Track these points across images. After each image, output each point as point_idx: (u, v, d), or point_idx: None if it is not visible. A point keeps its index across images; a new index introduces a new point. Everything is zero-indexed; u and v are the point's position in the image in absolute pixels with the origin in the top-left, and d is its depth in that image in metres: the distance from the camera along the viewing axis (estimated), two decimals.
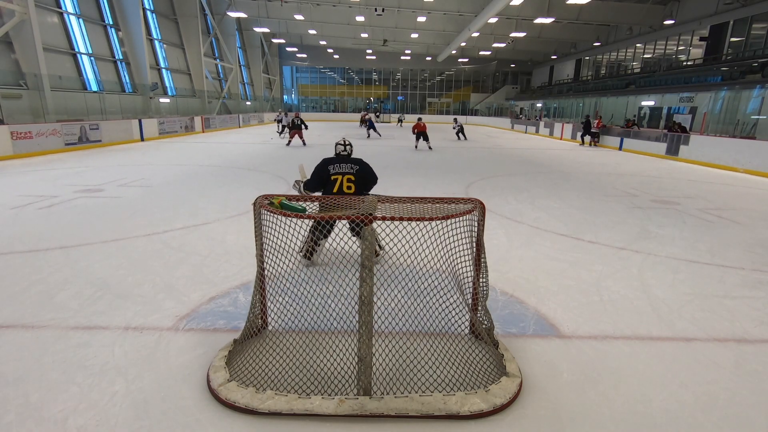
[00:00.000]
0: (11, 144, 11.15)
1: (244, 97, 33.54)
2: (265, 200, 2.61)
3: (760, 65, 16.39)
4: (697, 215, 6.47)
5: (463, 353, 2.67)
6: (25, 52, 13.44)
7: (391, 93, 45.10)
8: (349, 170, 4.07)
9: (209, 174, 9.41)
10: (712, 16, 19.62)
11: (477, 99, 44.07)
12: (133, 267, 4.04)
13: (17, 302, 3.30)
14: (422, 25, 28.16)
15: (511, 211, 6.48)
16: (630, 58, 27.92)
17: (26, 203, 6.38)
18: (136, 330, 2.93)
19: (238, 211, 6.17)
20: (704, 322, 3.20)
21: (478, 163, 12.38)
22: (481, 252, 2.73)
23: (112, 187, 7.67)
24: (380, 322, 2.86)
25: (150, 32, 21.46)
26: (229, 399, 2.19)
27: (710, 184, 9.54)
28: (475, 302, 2.78)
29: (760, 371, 2.62)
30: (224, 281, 3.74)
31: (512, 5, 19.88)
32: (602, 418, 2.19)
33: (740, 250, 4.90)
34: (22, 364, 2.54)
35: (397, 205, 2.77)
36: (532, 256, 4.60)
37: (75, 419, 2.10)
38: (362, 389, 2.22)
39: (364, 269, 2.20)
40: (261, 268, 2.67)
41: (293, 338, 2.78)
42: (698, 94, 18.29)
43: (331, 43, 37.30)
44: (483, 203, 2.66)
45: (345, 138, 4.36)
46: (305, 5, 26.20)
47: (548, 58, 37.15)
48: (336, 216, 2.41)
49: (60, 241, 4.71)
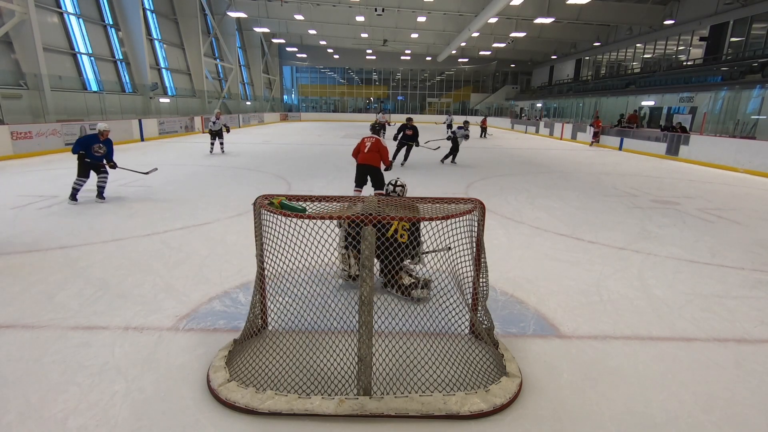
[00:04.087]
0: (11, 144, 11.15)
1: (244, 97, 33.53)
2: (265, 200, 2.61)
3: (760, 65, 16.39)
4: (697, 215, 6.47)
5: (463, 353, 2.67)
6: (25, 52, 13.44)
7: (391, 93, 45.09)
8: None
9: (209, 174, 9.41)
10: (712, 16, 19.61)
11: (477, 99, 44.07)
12: (133, 267, 4.04)
13: (17, 302, 3.30)
14: (422, 25, 28.16)
15: (511, 211, 6.48)
16: (630, 58, 27.92)
17: (26, 203, 6.38)
18: (136, 330, 2.93)
19: (238, 211, 6.17)
20: (704, 322, 3.20)
21: (478, 163, 12.38)
22: (481, 252, 2.73)
23: (112, 187, 7.66)
24: (380, 322, 2.86)
25: (150, 32, 21.46)
26: (229, 399, 2.19)
27: (710, 184, 9.53)
28: (475, 302, 2.78)
29: (760, 371, 2.62)
30: (224, 281, 3.74)
31: (512, 5, 19.88)
32: (602, 418, 2.19)
33: (740, 250, 4.90)
34: (22, 364, 2.54)
35: (397, 205, 2.77)
36: (532, 256, 4.60)
37: (75, 419, 2.10)
38: (362, 389, 2.22)
39: (364, 269, 2.20)
40: (261, 268, 2.67)
41: (293, 338, 2.78)
42: (698, 94, 18.29)
43: (331, 43, 37.30)
44: (483, 203, 2.66)
45: (399, 179, 4.00)
46: (305, 5, 26.19)
47: (548, 58, 37.15)
48: (336, 216, 2.41)
49: (60, 241, 4.71)
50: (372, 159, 6.43)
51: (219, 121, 12.90)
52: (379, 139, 6.53)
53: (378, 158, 6.46)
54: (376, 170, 6.49)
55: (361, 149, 6.51)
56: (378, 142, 6.46)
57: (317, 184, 8.48)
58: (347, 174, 9.61)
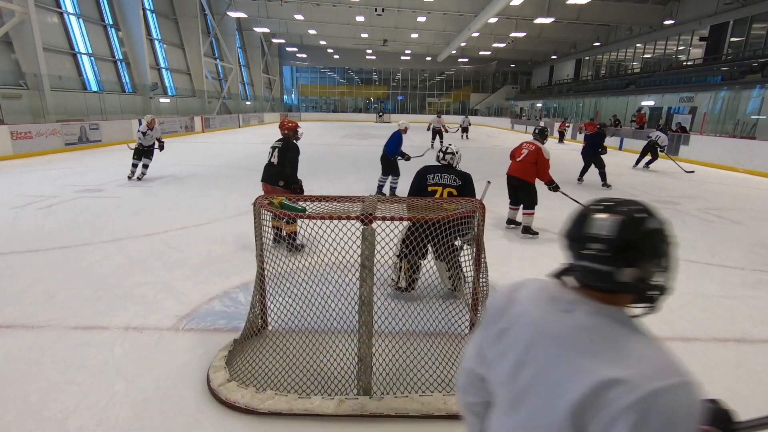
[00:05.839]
0: (11, 144, 11.15)
1: (244, 97, 33.52)
2: (265, 200, 2.61)
3: (760, 65, 16.37)
4: (697, 215, 6.47)
5: (463, 353, 2.66)
6: (25, 52, 13.43)
7: (391, 93, 45.08)
8: (452, 183, 3.35)
9: (209, 174, 9.41)
10: (712, 16, 19.61)
11: (477, 99, 44.05)
12: (133, 267, 4.04)
13: (17, 302, 3.30)
14: (422, 25, 28.15)
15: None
16: (630, 58, 27.91)
17: (26, 203, 6.38)
18: (136, 330, 2.93)
19: (238, 211, 6.17)
20: (704, 322, 3.20)
21: (478, 163, 12.38)
22: (481, 252, 2.73)
23: (112, 187, 7.66)
24: (380, 322, 2.86)
25: (150, 32, 21.44)
26: (229, 399, 2.19)
27: (710, 184, 9.53)
28: (475, 302, 2.78)
29: (760, 371, 2.62)
30: (224, 281, 3.74)
31: (512, 5, 19.87)
32: None
33: (740, 250, 4.90)
34: (22, 364, 2.54)
35: (397, 205, 2.77)
36: (532, 256, 4.60)
37: (75, 419, 2.10)
38: (362, 389, 2.22)
39: (364, 269, 2.20)
40: (261, 268, 2.67)
41: (293, 338, 2.78)
42: (698, 94, 18.29)
43: (331, 43, 37.27)
44: (483, 203, 2.66)
45: (452, 145, 3.69)
46: (305, 5, 26.18)
47: (548, 58, 37.14)
48: (336, 216, 2.41)
49: (60, 241, 4.71)
50: (524, 172, 5.15)
51: (151, 132, 8.30)
52: (541, 148, 5.12)
53: (533, 172, 5.12)
54: (528, 186, 5.15)
55: (515, 155, 5.37)
56: (538, 152, 5.10)
57: (317, 184, 8.47)
58: (347, 174, 9.61)
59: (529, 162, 5.15)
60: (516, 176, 5.26)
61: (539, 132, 5.49)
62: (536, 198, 5.21)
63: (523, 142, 5.46)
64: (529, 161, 5.16)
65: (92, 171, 9.48)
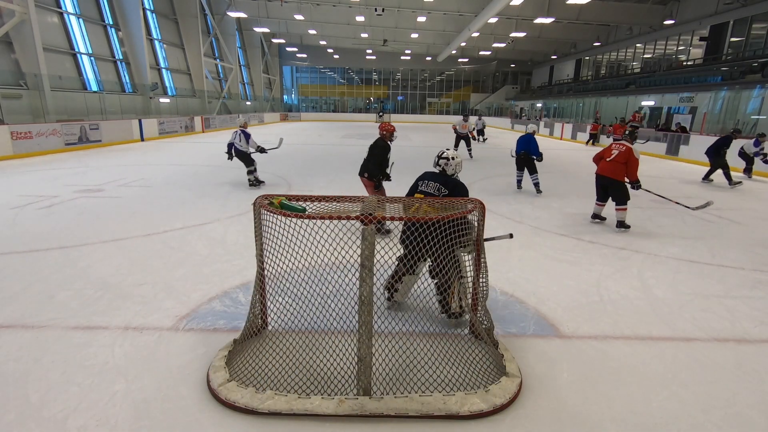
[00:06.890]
0: (11, 144, 11.15)
1: (244, 97, 33.52)
2: (265, 200, 2.61)
3: (760, 65, 16.38)
4: (697, 215, 6.46)
5: (463, 353, 2.67)
6: (25, 52, 13.43)
7: (391, 93, 45.08)
8: (436, 192, 3.15)
9: (209, 174, 9.41)
10: (712, 16, 19.61)
11: (477, 99, 44.04)
12: (133, 267, 4.04)
13: (17, 302, 3.30)
14: (422, 25, 28.15)
15: (511, 211, 6.48)
16: (630, 58, 27.92)
17: (26, 203, 6.38)
18: (136, 330, 2.93)
19: (238, 211, 6.17)
20: (704, 322, 3.20)
21: (478, 163, 12.38)
22: (481, 252, 2.73)
23: (112, 187, 7.66)
24: (380, 322, 2.86)
25: (150, 32, 21.45)
26: (229, 399, 2.19)
27: (710, 184, 9.53)
28: (475, 302, 2.78)
29: (760, 371, 2.62)
30: (224, 281, 3.74)
31: (512, 5, 19.87)
32: (602, 418, 2.19)
33: (740, 250, 4.90)
34: (22, 364, 2.54)
35: (397, 205, 2.77)
36: (532, 256, 4.60)
37: (75, 419, 2.10)
38: (362, 389, 2.22)
39: (364, 269, 2.20)
40: (261, 268, 2.67)
41: (293, 338, 2.78)
42: (698, 94, 18.29)
43: (331, 43, 37.28)
44: (483, 203, 2.66)
45: (449, 150, 3.34)
46: (305, 5, 26.18)
47: (548, 58, 37.14)
48: (336, 216, 2.41)
49: (60, 241, 4.71)
50: (615, 171, 5.50)
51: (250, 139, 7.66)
52: (632, 149, 5.45)
53: (623, 171, 5.48)
54: (619, 185, 5.51)
55: (604, 156, 5.68)
56: (629, 153, 5.44)
57: (317, 184, 8.48)
58: (347, 174, 9.61)
59: (619, 162, 5.50)
60: (605, 175, 5.60)
61: (629, 133, 5.90)
62: (628, 194, 5.54)
63: (613, 143, 5.83)
64: (619, 161, 5.50)
65: (92, 171, 9.48)
